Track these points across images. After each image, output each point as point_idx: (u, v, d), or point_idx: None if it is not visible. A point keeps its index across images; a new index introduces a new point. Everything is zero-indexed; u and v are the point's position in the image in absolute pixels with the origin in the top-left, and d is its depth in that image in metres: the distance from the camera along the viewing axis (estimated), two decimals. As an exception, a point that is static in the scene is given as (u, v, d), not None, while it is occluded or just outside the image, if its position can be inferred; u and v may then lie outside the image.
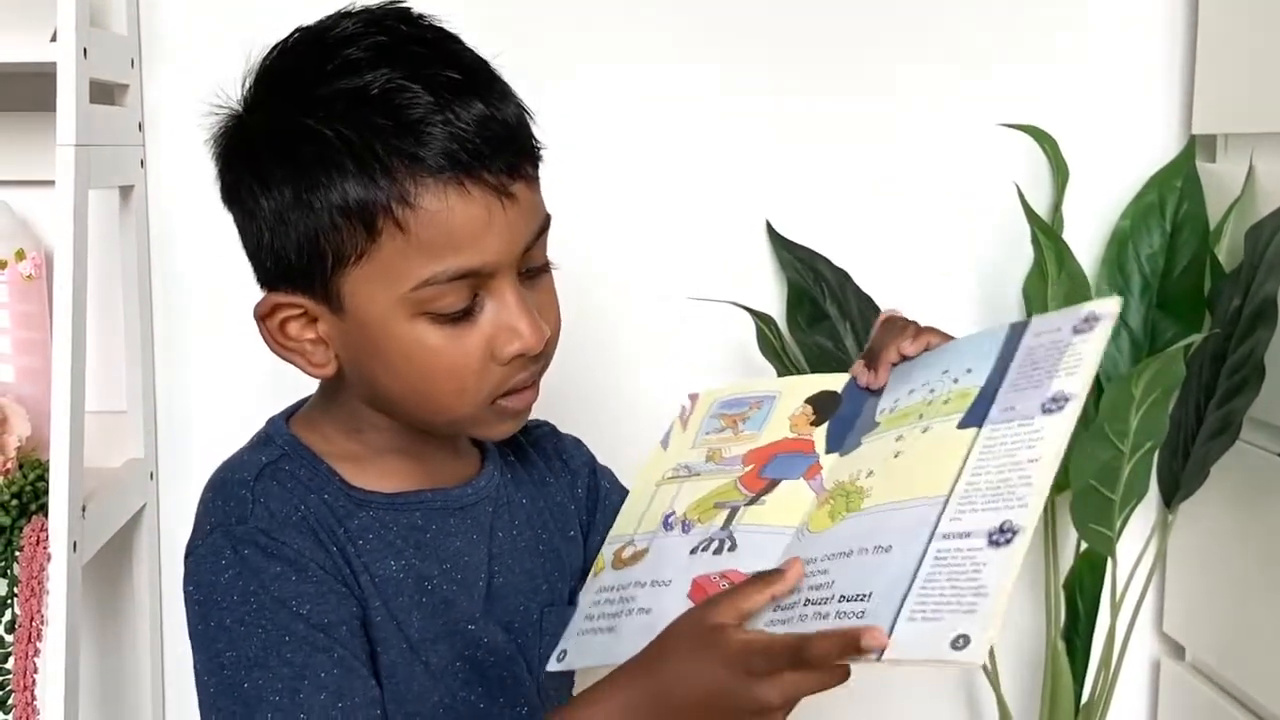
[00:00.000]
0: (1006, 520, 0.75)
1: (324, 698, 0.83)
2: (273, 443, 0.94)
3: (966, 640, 0.70)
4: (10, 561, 1.28)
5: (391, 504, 0.93)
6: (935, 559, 0.76)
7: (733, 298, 1.53)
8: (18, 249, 1.46)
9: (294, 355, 0.91)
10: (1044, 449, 0.77)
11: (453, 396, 0.89)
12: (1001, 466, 0.78)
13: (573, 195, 1.54)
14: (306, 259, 0.87)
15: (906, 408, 0.90)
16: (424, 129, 0.84)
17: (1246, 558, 1.42)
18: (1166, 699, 1.61)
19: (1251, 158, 1.41)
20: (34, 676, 1.24)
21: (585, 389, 1.57)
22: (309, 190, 0.85)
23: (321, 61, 0.86)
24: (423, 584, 0.92)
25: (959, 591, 0.73)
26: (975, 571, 0.73)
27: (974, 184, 1.56)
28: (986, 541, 0.74)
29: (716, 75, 1.55)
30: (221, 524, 0.88)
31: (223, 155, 0.91)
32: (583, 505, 1.07)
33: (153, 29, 1.51)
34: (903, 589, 0.75)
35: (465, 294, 0.87)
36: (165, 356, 1.56)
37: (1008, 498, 0.76)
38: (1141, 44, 1.56)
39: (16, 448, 1.37)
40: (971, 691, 1.65)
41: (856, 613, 0.76)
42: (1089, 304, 0.84)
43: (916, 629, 0.73)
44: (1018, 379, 0.83)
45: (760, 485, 0.94)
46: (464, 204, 0.85)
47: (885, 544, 0.79)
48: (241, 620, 0.85)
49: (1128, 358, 1.51)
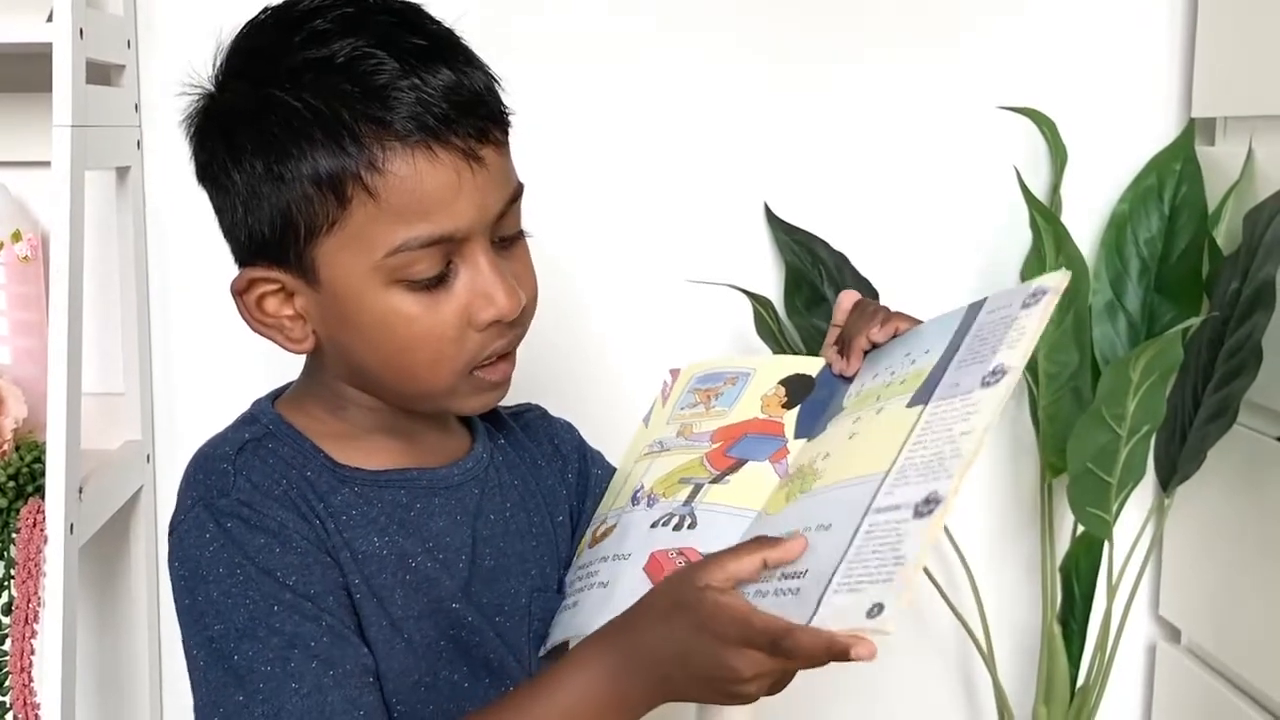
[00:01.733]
0: (933, 491, 0.75)
1: (315, 665, 0.84)
2: (257, 421, 0.94)
3: (880, 608, 0.70)
4: (7, 543, 1.28)
5: (376, 481, 0.93)
6: (866, 533, 0.76)
7: (731, 280, 1.53)
8: (14, 230, 1.46)
9: (272, 331, 0.92)
10: (976, 421, 0.77)
11: (429, 366, 0.89)
12: (938, 440, 0.78)
13: (570, 178, 1.55)
14: (279, 232, 0.87)
15: (869, 390, 0.90)
16: (391, 94, 0.84)
17: (1243, 541, 1.42)
18: (1162, 682, 1.61)
19: (1250, 141, 1.41)
20: (31, 658, 1.24)
21: (582, 371, 1.57)
22: (279, 161, 0.86)
23: (289, 34, 0.87)
24: (405, 561, 0.92)
25: (882, 562, 0.73)
26: (898, 542, 0.73)
27: (972, 167, 1.56)
28: (912, 513, 0.74)
29: (715, 57, 1.54)
30: (203, 498, 0.88)
31: (196, 135, 0.92)
32: (573, 490, 1.07)
33: (149, 10, 1.51)
34: (834, 565, 0.75)
35: (438, 260, 0.87)
36: (162, 338, 1.56)
37: (938, 470, 0.76)
38: (1141, 27, 1.56)
39: (13, 429, 1.37)
40: (968, 674, 1.66)
41: (793, 590, 0.76)
42: (1041, 278, 0.84)
43: (841, 601, 0.73)
44: (965, 356, 0.84)
45: (727, 464, 0.95)
46: (433, 168, 0.85)
47: (827, 522, 0.80)
48: (228, 592, 0.85)
49: (1126, 341, 1.51)
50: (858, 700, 1.65)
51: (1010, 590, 1.63)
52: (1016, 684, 1.62)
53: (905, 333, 0.93)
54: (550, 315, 1.51)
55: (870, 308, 0.96)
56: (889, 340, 0.93)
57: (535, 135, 0.98)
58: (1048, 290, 0.82)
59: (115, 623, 1.60)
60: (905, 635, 1.64)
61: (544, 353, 1.52)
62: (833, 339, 0.99)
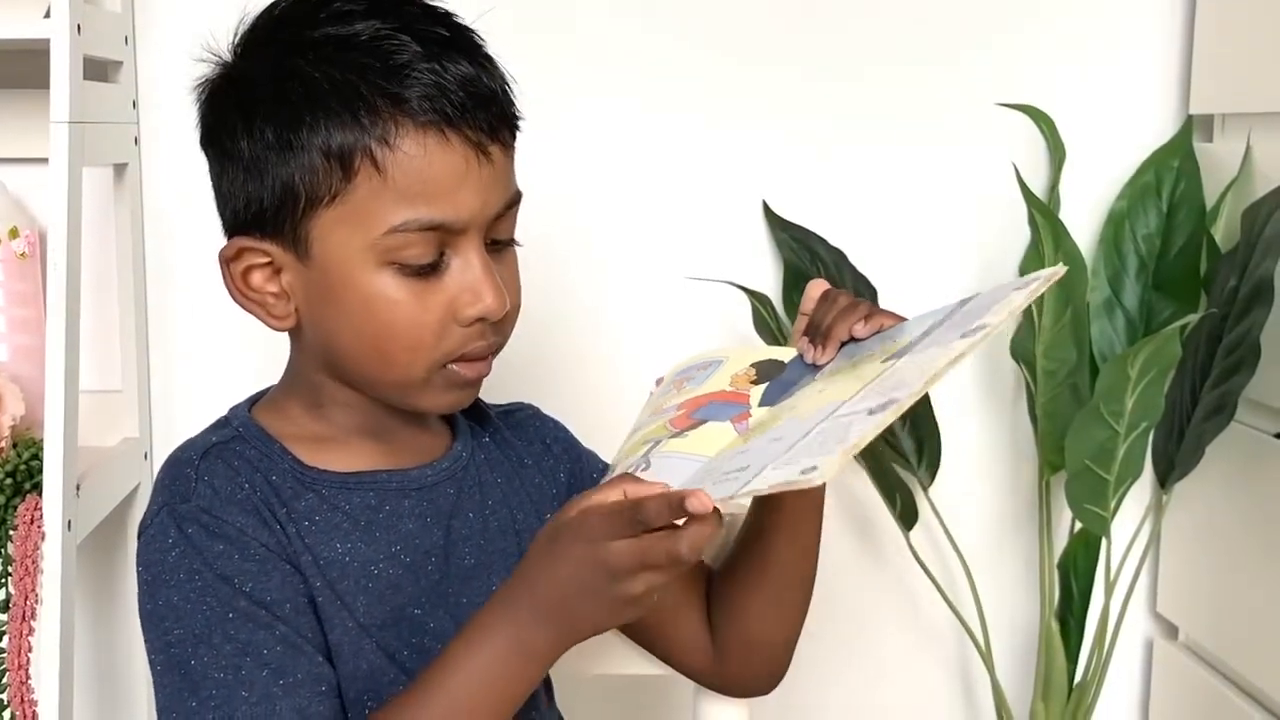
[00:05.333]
0: (891, 399, 0.77)
1: (265, 675, 0.84)
2: (228, 425, 0.95)
3: (814, 468, 0.72)
4: (4, 541, 1.28)
5: (344, 484, 0.93)
6: (816, 432, 0.78)
7: (729, 278, 1.53)
8: (11, 227, 1.46)
9: (254, 306, 0.92)
10: (944, 354, 0.80)
11: (407, 353, 0.89)
12: (905, 373, 0.81)
13: (570, 175, 1.55)
14: (278, 200, 0.87)
15: (844, 368, 0.91)
16: (410, 73, 0.85)
17: (1241, 538, 1.42)
18: (1160, 679, 1.61)
19: (1249, 138, 1.41)
20: (28, 656, 1.24)
21: (580, 369, 1.57)
22: (292, 129, 0.86)
23: (314, 10, 0.88)
24: (367, 568, 0.92)
25: (825, 444, 0.75)
26: (844, 431, 0.76)
27: (971, 164, 1.56)
28: (866, 413, 0.77)
29: (714, 55, 1.54)
30: (168, 503, 0.89)
31: (207, 99, 0.92)
32: (564, 489, 1.06)
33: (146, 6, 1.51)
34: (778, 455, 0.78)
35: (433, 247, 0.87)
36: (159, 335, 1.56)
37: (898, 387, 0.78)
38: (1139, 23, 1.56)
39: (11, 426, 1.37)
40: (965, 670, 1.66)
41: (731, 472, 0.79)
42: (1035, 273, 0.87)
43: (773, 473, 0.75)
44: (949, 326, 0.86)
45: (687, 424, 0.95)
46: (443, 153, 0.86)
47: (778, 437, 0.82)
48: (187, 598, 0.86)
49: (1124, 338, 1.51)
50: (855, 698, 1.65)
51: (1008, 587, 1.63)
52: (1014, 681, 1.62)
53: (888, 328, 0.93)
54: (548, 312, 1.52)
55: (840, 297, 0.95)
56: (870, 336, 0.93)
57: (534, 134, 0.98)
58: (1040, 277, 0.85)
59: (113, 620, 1.60)
60: (903, 632, 1.65)
61: (541, 350, 1.52)
62: (802, 327, 0.99)
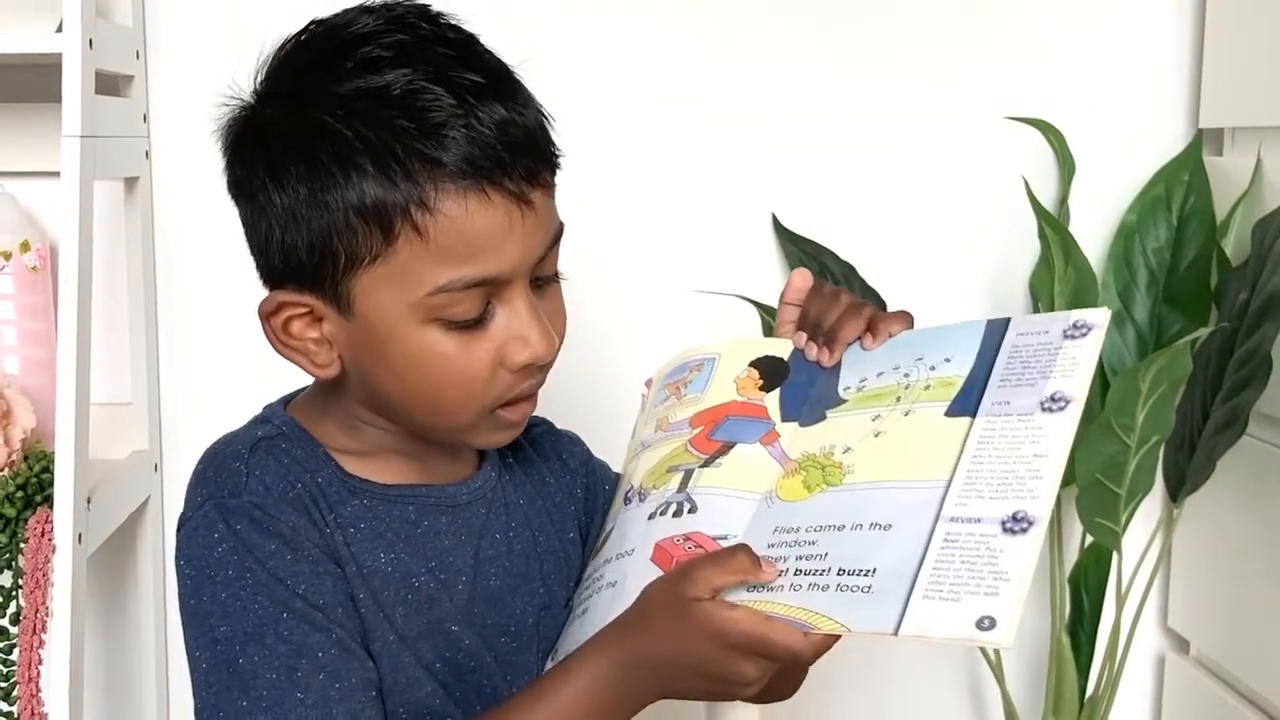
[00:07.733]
0: (1020, 510, 0.77)
1: (322, 678, 0.83)
2: (270, 421, 0.93)
3: (993, 621, 0.73)
4: (15, 554, 1.28)
5: (385, 495, 0.92)
6: (946, 540, 0.77)
7: (738, 291, 1.53)
8: (23, 240, 1.46)
9: (297, 355, 0.90)
10: (1050, 445, 0.79)
11: (459, 403, 0.88)
12: (1005, 458, 0.80)
13: (579, 189, 1.54)
14: (318, 258, 0.85)
15: (879, 389, 0.90)
16: (446, 133, 0.83)
17: (1252, 552, 1.41)
18: (1171, 693, 1.61)
19: (1259, 151, 1.41)
20: (39, 668, 1.24)
21: (590, 383, 1.56)
22: (325, 189, 0.84)
23: (340, 57, 0.85)
24: (409, 579, 0.91)
25: (977, 575, 0.75)
26: (992, 557, 0.75)
27: (981, 177, 1.56)
28: (1000, 529, 0.76)
29: (723, 68, 1.54)
30: (214, 496, 0.87)
31: (233, 147, 0.89)
32: (581, 505, 1.06)
33: (157, 20, 1.51)
34: (913, 567, 0.77)
35: (479, 302, 0.86)
36: (169, 348, 1.57)
37: (1017, 489, 0.78)
38: (1149, 37, 1.56)
39: (21, 439, 1.37)
40: (976, 685, 1.65)
41: (862, 587, 0.78)
42: (1077, 311, 0.85)
43: (934, 607, 0.75)
44: (1007, 374, 0.85)
45: (714, 448, 0.94)
46: (484, 211, 0.84)
47: (884, 522, 0.81)
48: (237, 595, 0.84)
49: (1134, 352, 1.51)
50: (866, 710, 1.64)
51: (1018, 601, 1.62)
52: (1025, 695, 1.61)
53: (901, 334, 0.92)
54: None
55: (841, 295, 0.95)
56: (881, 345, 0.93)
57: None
58: (1093, 326, 0.84)
59: (123, 632, 1.60)
60: (913, 646, 1.64)
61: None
62: (788, 317, 0.98)
